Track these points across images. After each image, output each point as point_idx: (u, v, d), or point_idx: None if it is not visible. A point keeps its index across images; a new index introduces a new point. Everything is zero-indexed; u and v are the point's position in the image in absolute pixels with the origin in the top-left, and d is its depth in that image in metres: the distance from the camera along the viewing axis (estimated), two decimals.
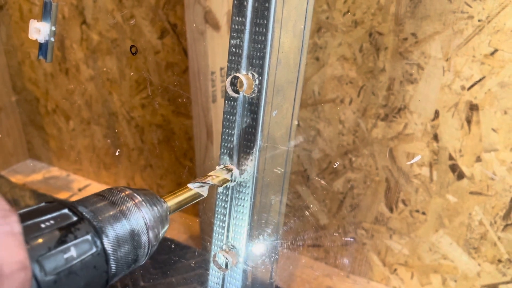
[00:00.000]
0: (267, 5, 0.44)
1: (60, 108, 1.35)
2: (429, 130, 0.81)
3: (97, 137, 1.30)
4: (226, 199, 0.51)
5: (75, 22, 1.16)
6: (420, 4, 0.74)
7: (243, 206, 0.50)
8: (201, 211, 1.05)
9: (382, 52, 0.80)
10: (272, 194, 0.54)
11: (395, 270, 0.94)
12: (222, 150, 0.51)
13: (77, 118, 1.31)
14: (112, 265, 0.35)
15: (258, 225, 0.52)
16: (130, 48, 1.08)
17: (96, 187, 1.35)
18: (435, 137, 0.81)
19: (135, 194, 0.39)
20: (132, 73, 1.14)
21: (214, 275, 0.55)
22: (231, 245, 0.52)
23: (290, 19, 0.46)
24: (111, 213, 0.36)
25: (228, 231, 0.52)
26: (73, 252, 0.32)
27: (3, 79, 1.40)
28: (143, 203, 0.39)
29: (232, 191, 0.51)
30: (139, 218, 0.38)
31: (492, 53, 0.71)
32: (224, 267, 0.51)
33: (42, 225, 0.32)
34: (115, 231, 0.36)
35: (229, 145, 0.50)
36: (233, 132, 0.49)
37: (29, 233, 0.30)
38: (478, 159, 0.78)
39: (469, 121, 0.77)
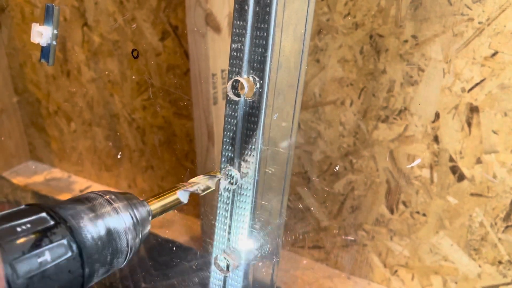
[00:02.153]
0: (268, 9, 0.44)
1: (61, 110, 1.35)
2: (429, 132, 0.81)
3: (99, 138, 1.30)
4: (228, 202, 0.52)
5: (77, 24, 1.16)
6: (421, 7, 0.74)
7: (244, 208, 0.50)
8: (203, 214, 1.05)
9: (382, 54, 0.80)
10: (273, 197, 0.54)
11: (396, 271, 0.95)
12: (223, 153, 0.51)
13: (79, 119, 1.32)
14: (87, 269, 0.35)
15: (259, 227, 0.53)
16: (132, 52, 1.08)
17: (98, 188, 1.36)
18: (436, 139, 0.81)
19: (114, 198, 0.40)
20: (133, 76, 1.14)
21: (215, 277, 0.55)
22: (233, 248, 0.52)
23: (290, 23, 0.47)
24: (89, 216, 0.37)
25: (229, 233, 0.52)
26: (47, 256, 0.32)
27: (5, 80, 1.40)
28: (122, 207, 0.39)
29: (233, 193, 0.51)
30: (118, 222, 0.38)
31: (492, 55, 0.71)
32: (225, 269, 0.52)
33: (18, 229, 0.32)
34: (91, 234, 0.36)
35: (230, 148, 0.50)
36: (234, 135, 0.49)
37: (4, 236, 0.31)
38: (479, 161, 0.78)
39: (469, 123, 0.77)
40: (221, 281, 0.54)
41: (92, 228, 0.36)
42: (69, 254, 0.33)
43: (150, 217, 0.43)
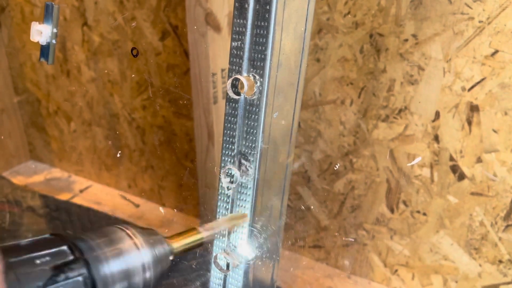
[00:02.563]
0: (268, 7, 0.44)
1: (61, 110, 1.35)
2: (429, 131, 0.81)
3: (99, 138, 1.30)
4: (228, 201, 0.52)
5: (77, 23, 1.16)
6: (421, 6, 0.74)
7: (244, 207, 0.50)
8: (202, 213, 1.05)
9: (382, 53, 0.80)
10: (273, 196, 0.54)
11: (396, 270, 0.95)
12: (224, 151, 0.51)
13: (79, 119, 1.32)
14: None
15: (259, 226, 0.53)
16: (131, 50, 1.08)
17: (98, 188, 1.36)
18: (436, 138, 0.81)
19: (135, 232, 0.40)
20: (133, 75, 1.14)
21: (215, 276, 0.55)
22: (233, 247, 0.52)
23: (291, 21, 0.47)
24: (108, 250, 0.37)
25: (229, 232, 0.52)
26: None
27: (5, 80, 1.40)
28: (142, 242, 0.39)
29: (233, 192, 0.51)
30: (137, 258, 0.38)
31: (493, 54, 0.71)
32: (225, 268, 0.52)
33: (37, 261, 0.32)
34: (109, 270, 0.36)
35: (230, 146, 0.50)
36: (234, 133, 0.49)
37: (23, 267, 0.31)
38: (479, 160, 0.78)
39: (469, 122, 0.77)
40: (221, 280, 0.54)
41: (110, 262, 0.36)
42: None
43: (172, 256, 0.43)
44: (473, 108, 0.76)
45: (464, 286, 0.88)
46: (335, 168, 0.92)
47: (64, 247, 0.34)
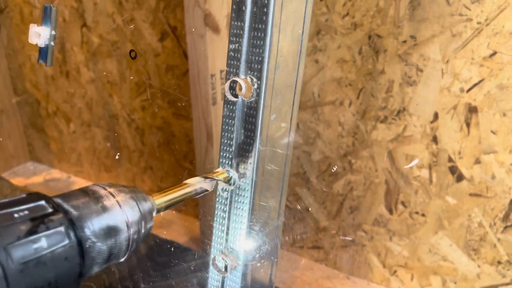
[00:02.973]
0: (265, 10, 0.44)
1: (60, 111, 1.35)
2: (428, 132, 0.81)
3: (98, 139, 1.30)
4: (226, 203, 0.52)
5: (76, 25, 1.16)
6: (419, 7, 0.74)
7: (242, 209, 0.50)
8: (201, 214, 1.05)
9: (381, 54, 0.80)
10: (272, 197, 0.54)
11: (395, 271, 0.95)
12: (222, 153, 0.51)
13: (78, 120, 1.32)
14: (85, 258, 0.35)
15: (258, 228, 0.53)
16: (130, 52, 1.08)
17: None
18: (434, 139, 0.81)
19: (118, 191, 0.39)
20: (131, 77, 1.14)
21: (213, 278, 0.55)
22: (231, 248, 0.52)
23: (288, 24, 0.47)
24: (91, 207, 0.36)
25: (227, 234, 0.52)
26: (43, 243, 0.32)
27: (4, 81, 1.40)
28: (125, 200, 0.39)
29: (231, 194, 0.51)
30: (120, 215, 0.38)
31: (491, 56, 0.71)
32: (223, 270, 0.52)
33: (15, 215, 0.32)
34: (92, 225, 0.35)
35: (228, 148, 0.50)
36: (232, 135, 0.49)
37: (1, 221, 0.31)
38: (477, 161, 0.78)
39: (468, 123, 0.77)
40: (219, 282, 0.54)
41: (93, 220, 0.36)
42: (66, 241, 0.33)
43: (155, 212, 0.42)
44: (472, 109, 0.76)
45: (463, 287, 0.88)
46: (333, 170, 0.92)
47: (42, 202, 0.34)
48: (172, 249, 1.04)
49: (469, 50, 0.73)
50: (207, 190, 0.48)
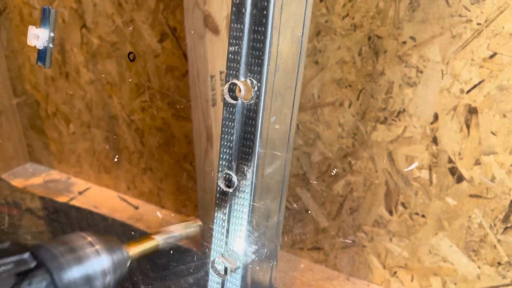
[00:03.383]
0: (265, 12, 0.44)
1: (60, 112, 1.35)
2: (428, 133, 0.81)
3: (97, 140, 1.30)
4: (225, 205, 0.51)
5: (75, 26, 1.16)
6: (419, 8, 0.74)
7: (242, 211, 0.50)
8: (201, 217, 1.05)
9: (381, 55, 0.80)
10: (271, 199, 0.54)
11: (395, 272, 0.95)
12: (221, 156, 0.51)
13: (78, 121, 1.32)
14: None
15: (257, 231, 0.52)
16: (128, 55, 1.08)
17: (96, 190, 1.36)
18: (434, 140, 0.81)
19: (96, 241, 0.42)
20: (130, 80, 1.14)
21: (213, 281, 0.55)
22: (230, 251, 0.52)
23: (288, 26, 0.47)
24: (70, 257, 0.39)
25: (227, 236, 0.52)
26: None
27: (4, 82, 1.40)
28: (103, 249, 0.42)
29: (231, 197, 0.51)
30: (97, 264, 0.41)
31: (491, 57, 0.71)
32: (223, 273, 0.52)
33: (2, 268, 0.34)
34: (72, 274, 0.38)
35: (228, 151, 0.50)
36: (232, 138, 0.49)
37: None
38: (477, 162, 0.78)
39: (468, 124, 0.77)
40: (219, 284, 0.54)
41: (72, 269, 0.38)
42: None
43: (129, 262, 0.45)
44: (472, 110, 0.76)
45: None
46: (333, 173, 0.92)
47: (26, 255, 0.36)
48: (172, 251, 1.04)
49: (469, 51, 0.73)
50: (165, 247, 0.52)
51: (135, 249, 0.48)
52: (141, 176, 1.26)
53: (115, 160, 1.28)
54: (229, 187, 0.50)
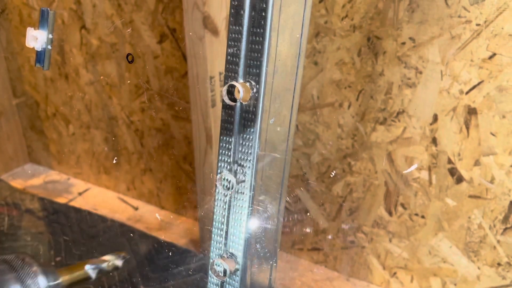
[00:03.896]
0: (263, 14, 0.44)
1: (60, 113, 1.35)
2: (427, 134, 0.81)
3: (97, 141, 1.30)
4: (224, 207, 0.51)
5: (75, 27, 1.16)
6: (418, 9, 0.74)
7: (241, 213, 0.50)
8: (200, 218, 1.05)
9: (380, 56, 0.80)
10: (271, 201, 0.54)
11: (395, 273, 0.95)
12: (220, 157, 0.51)
13: (77, 122, 1.32)
14: None
15: (256, 232, 0.52)
16: (127, 56, 1.08)
17: (96, 191, 1.36)
18: (434, 141, 0.81)
19: (33, 262, 0.44)
20: (129, 81, 1.14)
21: (212, 282, 0.55)
22: (229, 253, 0.52)
23: (287, 28, 0.47)
24: (8, 276, 0.40)
25: (226, 238, 0.52)
26: None
27: (3, 83, 1.40)
28: (39, 271, 0.44)
29: (230, 198, 0.51)
30: (34, 284, 0.42)
31: (490, 57, 0.71)
32: (222, 274, 0.52)
33: None
34: None
35: (227, 152, 0.50)
36: (230, 140, 0.49)
37: None
38: (477, 163, 0.78)
39: (467, 125, 0.77)
40: (218, 286, 0.54)
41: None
42: None
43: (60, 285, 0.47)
44: (471, 111, 0.76)
45: None
46: (331, 175, 0.92)
47: None
48: (172, 252, 1.04)
49: (468, 52, 0.73)
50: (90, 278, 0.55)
51: (67, 276, 0.50)
52: (140, 177, 1.26)
53: (114, 161, 1.28)
54: (228, 188, 0.50)
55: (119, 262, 0.60)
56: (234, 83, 0.46)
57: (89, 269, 0.53)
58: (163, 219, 1.23)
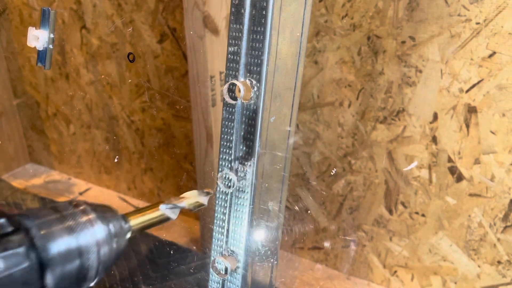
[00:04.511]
0: (264, 12, 0.44)
1: (60, 112, 1.35)
2: (428, 133, 0.81)
3: (98, 141, 1.30)
4: (225, 205, 0.52)
5: (75, 27, 1.17)
6: (418, 8, 0.74)
7: (242, 211, 0.50)
8: (201, 216, 1.06)
9: (380, 55, 0.80)
10: (271, 199, 0.54)
11: (395, 272, 0.95)
12: (221, 156, 0.51)
13: (78, 122, 1.32)
14: (49, 282, 0.32)
15: (257, 230, 0.53)
16: (128, 56, 1.08)
17: (97, 190, 1.36)
18: (434, 140, 0.81)
19: (90, 210, 0.37)
20: (130, 80, 1.14)
21: (213, 280, 0.55)
22: (230, 251, 0.52)
23: (287, 26, 0.47)
24: (58, 226, 0.34)
25: (227, 236, 0.52)
26: (0, 264, 0.30)
27: (4, 83, 1.40)
28: (97, 219, 0.37)
29: (231, 197, 0.51)
30: (90, 234, 0.36)
31: (490, 56, 0.71)
32: (223, 272, 0.52)
33: None
34: (58, 246, 0.33)
35: (228, 151, 0.50)
36: (231, 138, 0.49)
37: None
38: (477, 161, 0.78)
39: (467, 124, 0.77)
40: (220, 284, 0.54)
41: (60, 239, 0.34)
42: (26, 264, 0.31)
43: (130, 233, 0.41)
44: (471, 110, 0.76)
45: (463, 287, 0.88)
46: (332, 174, 0.93)
47: (2, 220, 0.32)
48: (173, 251, 1.04)
49: (468, 50, 0.73)
50: (170, 218, 0.47)
51: (136, 220, 0.43)
52: (141, 177, 1.26)
53: (115, 160, 1.28)
54: (229, 187, 0.50)
55: (203, 199, 0.51)
56: (235, 81, 0.46)
57: (166, 209, 0.46)
58: None
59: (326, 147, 0.92)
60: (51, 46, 0.54)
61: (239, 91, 0.47)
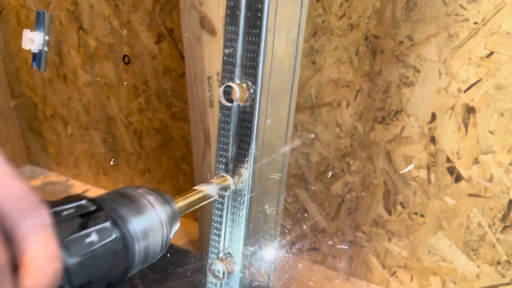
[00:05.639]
0: (259, 14, 0.44)
1: (58, 114, 1.35)
2: (426, 133, 0.81)
3: (96, 142, 1.30)
4: (222, 208, 0.51)
5: (72, 28, 1.16)
6: (416, 7, 0.74)
7: (238, 214, 0.50)
8: (199, 218, 1.05)
9: (378, 55, 0.80)
10: (268, 202, 0.54)
11: (395, 272, 0.94)
12: (218, 158, 0.51)
13: (76, 123, 1.32)
14: (129, 253, 0.36)
15: (254, 233, 0.52)
16: (123, 58, 1.08)
17: (95, 192, 1.35)
18: (432, 140, 0.80)
19: (149, 193, 0.41)
20: (126, 82, 1.14)
21: (211, 283, 0.55)
22: (227, 253, 0.52)
23: (283, 28, 0.46)
24: (128, 208, 0.38)
25: (224, 239, 0.52)
26: (94, 237, 0.33)
27: (1, 85, 1.40)
28: (156, 202, 0.40)
29: (228, 199, 0.51)
30: (155, 215, 0.39)
31: (488, 56, 0.71)
32: (220, 275, 0.51)
33: (64, 213, 0.33)
34: (132, 225, 0.37)
35: (224, 153, 0.50)
36: (228, 140, 0.49)
37: (53, 219, 0.32)
38: (476, 161, 0.78)
39: (466, 124, 0.77)
40: (217, 286, 0.54)
41: (131, 220, 0.37)
42: (114, 236, 0.34)
43: (179, 213, 0.44)
44: (469, 110, 0.75)
45: (462, 287, 0.87)
46: (328, 176, 0.92)
47: (84, 201, 0.35)
48: (171, 252, 1.03)
49: (466, 50, 0.73)
50: (212, 196, 0.49)
51: (183, 202, 0.46)
52: (139, 178, 1.26)
53: (112, 163, 1.28)
54: (225, 189, 0.49)
55: (226, 184, 0.53)
56: (230, 83, 0.46)
57: (209, 189, 0.49)
58: None
59: (325, 147, 0.92)
60: (46, 49, 0.54)
61: (235, 93, 0.46)
